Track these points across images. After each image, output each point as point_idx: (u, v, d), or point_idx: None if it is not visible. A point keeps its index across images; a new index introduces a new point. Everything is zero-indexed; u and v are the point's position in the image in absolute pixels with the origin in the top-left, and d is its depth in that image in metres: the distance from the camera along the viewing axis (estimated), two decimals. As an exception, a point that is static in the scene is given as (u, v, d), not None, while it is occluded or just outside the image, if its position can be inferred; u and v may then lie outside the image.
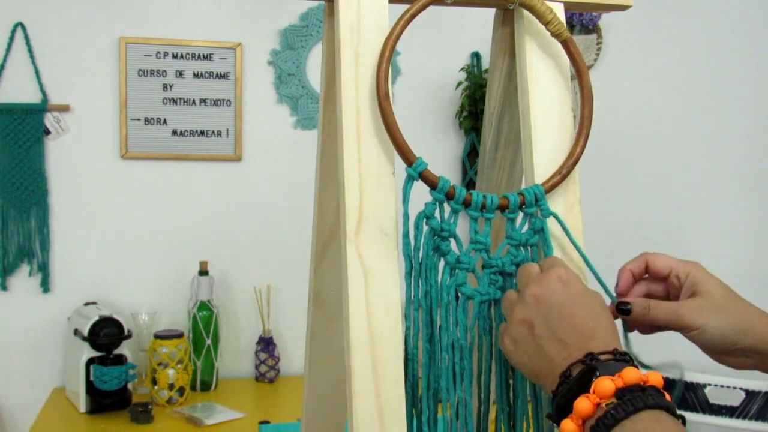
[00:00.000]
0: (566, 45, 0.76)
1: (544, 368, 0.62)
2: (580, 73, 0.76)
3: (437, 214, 0.70)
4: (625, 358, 0.59)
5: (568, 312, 0.63)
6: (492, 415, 0.75)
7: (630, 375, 0.56)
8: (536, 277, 0.66)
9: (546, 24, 0.74)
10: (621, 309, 0.69)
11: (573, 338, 0.61)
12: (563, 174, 0.74)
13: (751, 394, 2.12)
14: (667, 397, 0.57)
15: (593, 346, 0.60)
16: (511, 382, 0.74)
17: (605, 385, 0.56)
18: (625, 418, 0.54)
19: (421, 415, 0.70)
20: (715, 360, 0.70)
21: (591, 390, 0.56)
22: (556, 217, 0.73)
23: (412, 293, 0.70)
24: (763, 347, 0.67)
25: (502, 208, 0.71)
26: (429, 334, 0.70)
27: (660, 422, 0.54)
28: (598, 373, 0.57)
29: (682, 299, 0.70)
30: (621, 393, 0.55)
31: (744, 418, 2.12)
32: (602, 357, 0.59)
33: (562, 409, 0.58)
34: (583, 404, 0.56)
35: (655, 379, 0.57)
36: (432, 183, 0.69)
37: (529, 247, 0.73)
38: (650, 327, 0.70)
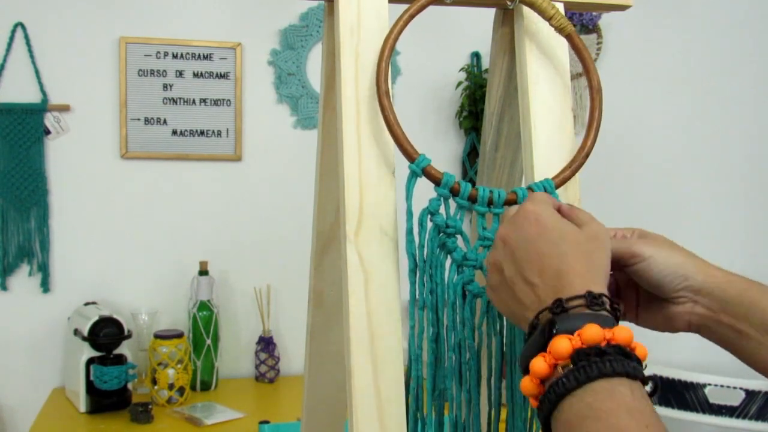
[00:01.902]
0: (571, 39, 0.75)
1: (519, 314, 0.58)
2: (587, 67, 0.74)
3: (442, 210, 0.69)
4: (598, 303, 0.53)
5: (534, 250, 0.57)
6: (503, 416, 0.74)
7: (590, 333, 0.50)
8: (508, 219, 0.62)
9: (549, 19, 0.74)
10: None
11: (539, 279, 0.56)
12: (574, 168, 0.73)
13: (751, 394, 2.12)
14: (639, 353, 0.51)
15: (563, 289, 0.54)
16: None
17: (561, 345, 0.50)
18: (577, 388, 0.48)
19: (425, 416, 0.70)
20: (661, 315, 0.66)
21: (547, 349, 0.51)
22: None
23: (417, 292, 0.69)
24: (712, 288, 0.64)
25: (511, 204, 0.70)
26: (435, 333, 0.69)
27: (613, 396, 0.47)
28: (555, 330, 0.51)
29: None
30: (577, 356, 0.50)
31: (744, 418, 2.12)
32: (572, 303, 0.53)
33: (526, 366, 0.53)
34: (538, 365, 0.52)
35: (622, 335, 0.51)
36: (435, 179, 0.68)
37: None
38: None
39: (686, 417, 2.17)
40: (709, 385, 2.17)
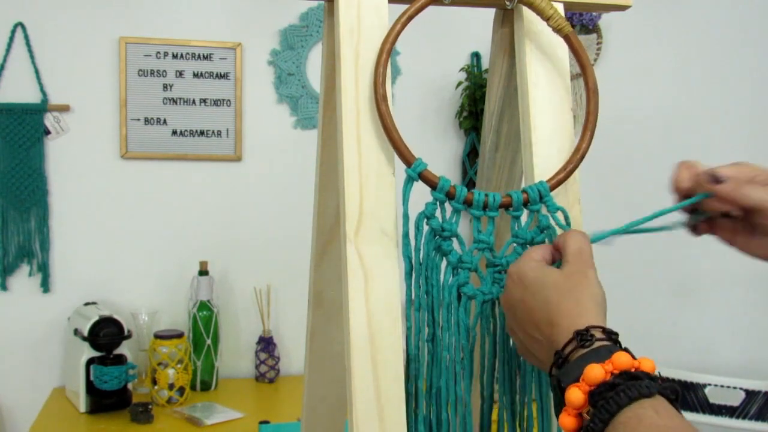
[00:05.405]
0: (569, 40, 0.75)
1: (544, 369, 0.62)
2: (584, 68, 0.74)
3: (438, 214, 0.70)
4: (587, 338, 0.55)
5: (525, 309, 0.62)
6: (494, 415, 0.75)
7: (592, 375, 0.53)
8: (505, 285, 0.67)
9: (547, 20, 0.74)
10: (715, 178, 0.67)
11: (539, 334, 0.60)
12: (569, 170, 0.73)
13: (751, 394, 2.12)
14: (646, 368, 0.53)
15: (559, 336, 0.58)
16: (517, 380, 0.73)
17: (574, 396, 0.53)
18: (604, 428, 0.51)
19: (421, 413, 0.70)
20: None
21: (566, 404, 0.55)
22: (563, 212, 0.72)
23: (413, 293, 0.70)
24: None
25: (506, 207, 0.71)
26: (431, 333, 0.70)
27: (641, 422, 0.50)
28: (563, 384, 0.55)
29: None
30: (592, 399, 0.52)
31: (744, 418, 2.12)
32: (567, 350, 0.56)
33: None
34: (566, 421, 0.54)
35: (622, 362, 0.53)
36: (432, 183, 0.69)
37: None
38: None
39: (686, 417, 2.17)
40: (709, 385, 2.17)
